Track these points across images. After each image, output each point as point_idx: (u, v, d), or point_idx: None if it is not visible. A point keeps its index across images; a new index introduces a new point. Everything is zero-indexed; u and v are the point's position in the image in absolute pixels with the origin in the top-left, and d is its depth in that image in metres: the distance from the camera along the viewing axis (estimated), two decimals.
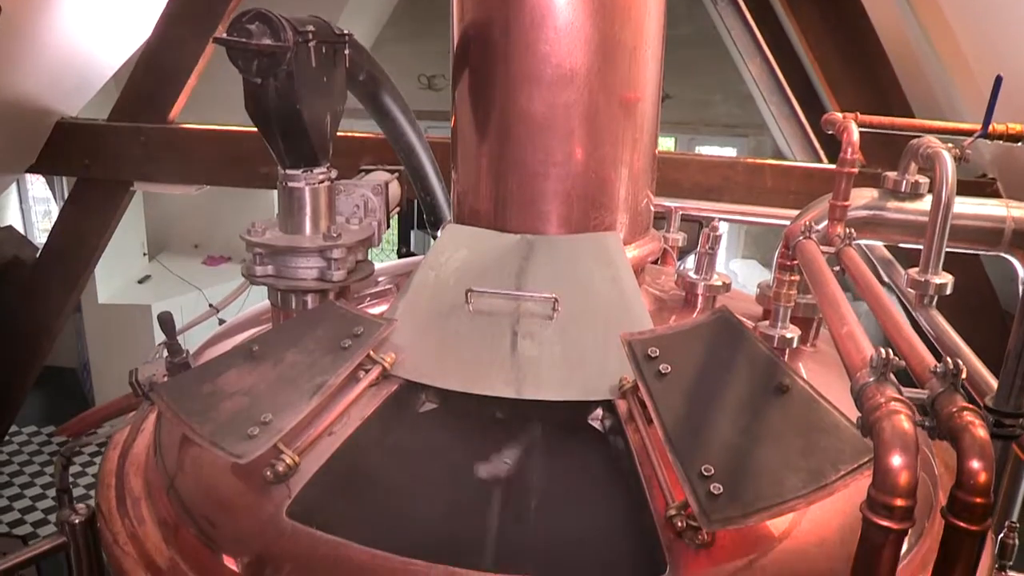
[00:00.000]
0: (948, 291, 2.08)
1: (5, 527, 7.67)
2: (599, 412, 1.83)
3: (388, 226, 2.51)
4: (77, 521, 2.11)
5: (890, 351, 1.22)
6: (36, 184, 10.66)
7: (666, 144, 11.29)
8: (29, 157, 5.86)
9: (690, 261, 2.38)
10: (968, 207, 2.30)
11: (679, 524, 1.55)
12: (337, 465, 1.74)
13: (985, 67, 3.82)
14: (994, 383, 1.76)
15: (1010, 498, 2.42)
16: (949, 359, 1.20)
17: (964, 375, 1.21)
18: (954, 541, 1.15)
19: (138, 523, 2.00)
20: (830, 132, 2.41)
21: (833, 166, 2.30)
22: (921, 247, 2.11)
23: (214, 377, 1.91)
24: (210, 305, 3.09)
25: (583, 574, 1.53)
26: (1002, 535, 2.35)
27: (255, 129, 2.15)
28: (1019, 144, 2.36)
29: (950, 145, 2.15)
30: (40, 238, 7.76)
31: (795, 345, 2.08)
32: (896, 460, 1.09)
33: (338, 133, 2.29)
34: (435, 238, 2.25)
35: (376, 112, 2.76)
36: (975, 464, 1.10)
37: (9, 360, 6.23)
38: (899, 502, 1.08)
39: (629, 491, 1.68)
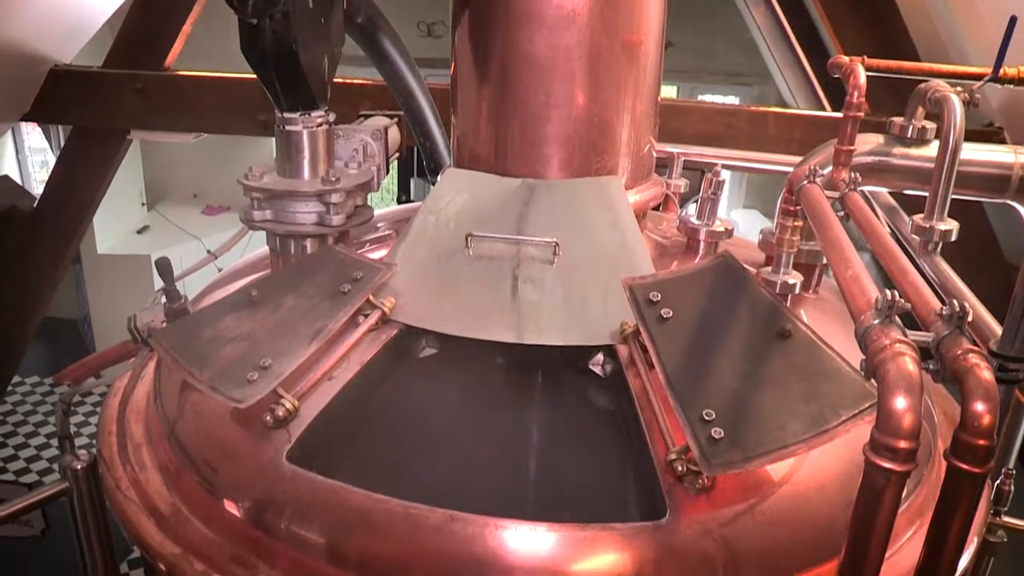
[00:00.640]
0: (953, 237, 2.05)
1: (11, 475, 7.75)
2: (600, 357, 1.82)
3: (387, 172, 2.48)
4: (79, 467, 2.12)
5: (895, 293, 1.20)
6: (32, 134, 10.56)
7: (668, 92, 11.14)
8: (23, 105, 5.78)
9: (692, 208, 2.36)
10: (975, 153, 2.27)
11: (679, 468, 1.55)
12: (337, 410, 1.74)
13: (993, 9, 3.75)
14: (998, 329, 1.75)
15: (1008, 445, 2.43)
16: (955, 301, 1.18)
17: (970, 318, 1.19)
18: (955, 484, 1.14)
19: (139, 469, 2.01)
20: (836, 76, 2.36)
21: (838, 115, 2.26)
22: (926, 194, 2.09)
23: (213, 323, 1.90)
24: (208, 252, 3.06)
25: (582, 519, 1.53)
26: (999, 482, 2.36)
27: (253, 76, 2.11)
28: None
29: (959, 89, 2.11)
30: (37, 189, 7.71)
31: (797, 291, 2.06)
32: (900, 402, 1.08)
33: (336, 80, 2.25)
34: (435, 185, 2.22)
35: (375, 56, 2.71)
36: (979, 406, 1.09)
37: (9, 310, 6.23)
38: (902, 444, 1.07)
39: (629, 436, 1.68)
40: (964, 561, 1.84)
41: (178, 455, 1.92)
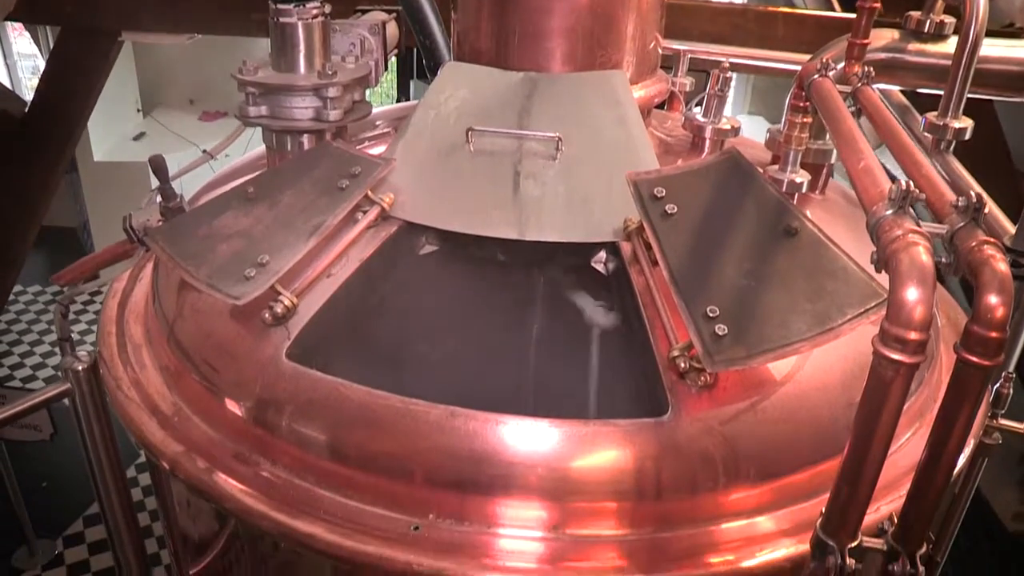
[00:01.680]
0: (967, 136, 1.99)
1: (18, 382, 7.83)
2: (602, 255, 1.80)
3: (386, 68, 2.40)
4: (80, 368, 2.12)
5: (910, 183, 1.16)
6: (20, 40, 10.30)
7: None
8: (6, 5, 5.60)
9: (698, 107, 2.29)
10: (995, 49, 2.18)
11: (682, 365, 1.53)
12: (336, 307, 1.72)
13: None
14: (1010, 227, 1.71)
15: (1011, 347, 2.42)
16: (972, 191, 1.14)
17: (987, 210, 1.16)
18: (964, 377, 1.13)
19: (139, 369, 2.00)
20: None
21: (849, 15, 2.17)
22: (941, 92, 2.02)
23: (209, 220, 1.87)
24: (204, 151, 3.00)
25: (584, 415, 1.53)
26: (998, 384, 2.36)
27: None
28: None
29: None
30: (29, 96, 7.56)
31: (804, 190, 2.02)
32: (912, 293, 1.05)
33: None
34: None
35: None
36: (994, 298, 1.06)
37: (6, 217, 6.17)
38: (913, 335, 1.05)
39: (632, 334, 1.67)
40: (961, 460, 1.85)
41: (178, 355, 1.91)
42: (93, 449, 2.22)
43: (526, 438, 1.49)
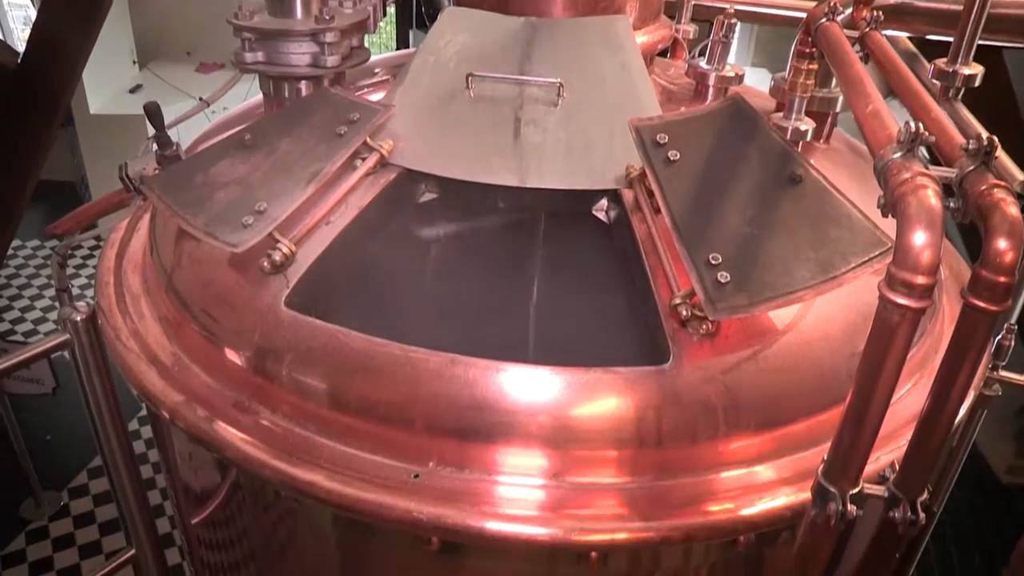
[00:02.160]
0: (976, 83, 1.96)
1: (20, 337, 7.84)
2: (604, 202, 1.77)
3: (384, 14, 2.35)
4: (79, 319, 2.10)
5: (919, 125, 1.13)
6: None
7: None
8: None
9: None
10: None
11: (684, 313, 1.52)
12: (335, 255, 1.70)
13: None
14: (1020, 175, 1.69)
15: (1015, 296, 2.40)
16: (983, 134, 1.12)
17: (998, 152, 1.13)
18: (970, 322, 1.11)
19: (138, 319, 1.99)
20: None
21: None
22: (951, 40, 1.97)
23: (206, 168, 1.84)
24: (200, 99, 2.96)
25: (584, 363, 1.52)
26: (1000, 336, 2.35)
27: None
28: None
29: None
30: (21, 47, 7.44)
31: (808, 138, 1.99)
32: (920, 237, 1.03)
33: None
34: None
35: None
36: (1003, 243, 1.04)
37: (1, 171, 6.12)
38: (920, 279, 1.03)
39: (633, 281, 1.65)
40: (961, 412, 1.84)
41: (176, 305, 1.90)
42: (94, 401, 2.21)
43: (527, 386, 1.48)
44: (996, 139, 1.18)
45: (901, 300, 1.04)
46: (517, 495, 1.48)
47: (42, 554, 4.79)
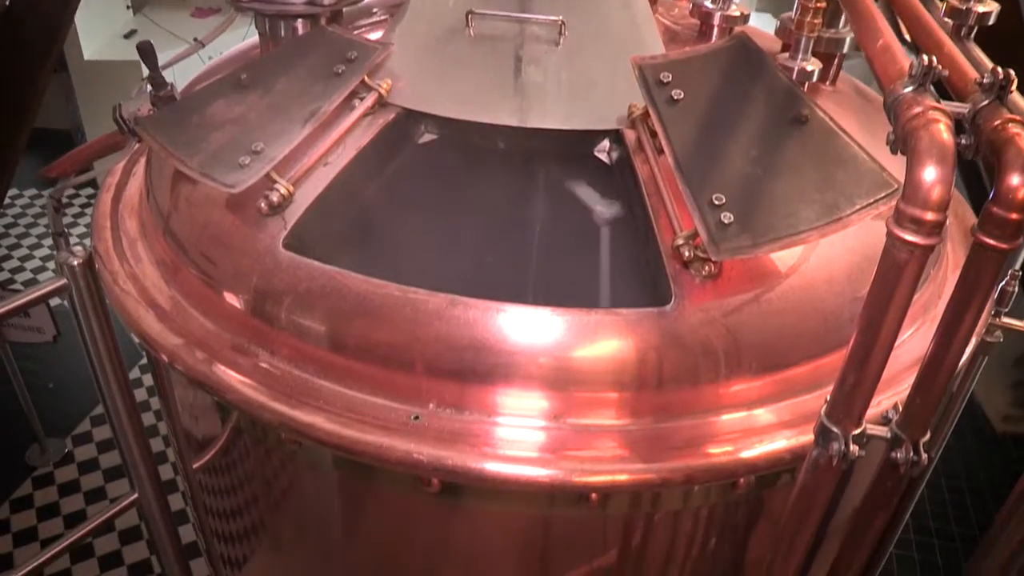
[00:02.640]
0: (991, 21, 1.91)
1: (20, 286, 7.84)
2: (606, 144, 1.74)
3: None
4: (75, 263, 2.08)
5: (932, 58, 1.10)
6: None
7: None
8: None
9: None
10: None
11: (686, 254, 1.50)
12: (333, 196, 1.68)
13: None
14: None
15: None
16: (999, 68, 1.09)
17: (1014, 87, 1.10)
18: (980, 261, 1.10)
19: (136, 263, 1.97)
20: None
21: None
22: None
23: (202, 108, 1.81)
24: (195, 39, 2.90)
25: (585, 304, 1.50)
26: (1003, 283, 2.34)
27: None
28: None
29: None
30: None
31: (814, 79, 1.95)
32: (931, 172, 1.01)
33: None
34: None
35: None
36: (1016, 178, 1.02)
37: None
38: (930, 216, 1.01)
39: (635, 223, 1.63)
40: (965, 356, 1.84)
41: (173, 248, 1.88)
42: (93, 346, 2.20)
43: (527, 327, 1.47)
44: (1012, 72, 1.15)
45: (910, 237, 1.02)
46: (517, 436, 1.48)
47: (49, 499, 4.84)
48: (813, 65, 1.93)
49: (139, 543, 4.52)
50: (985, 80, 1.10)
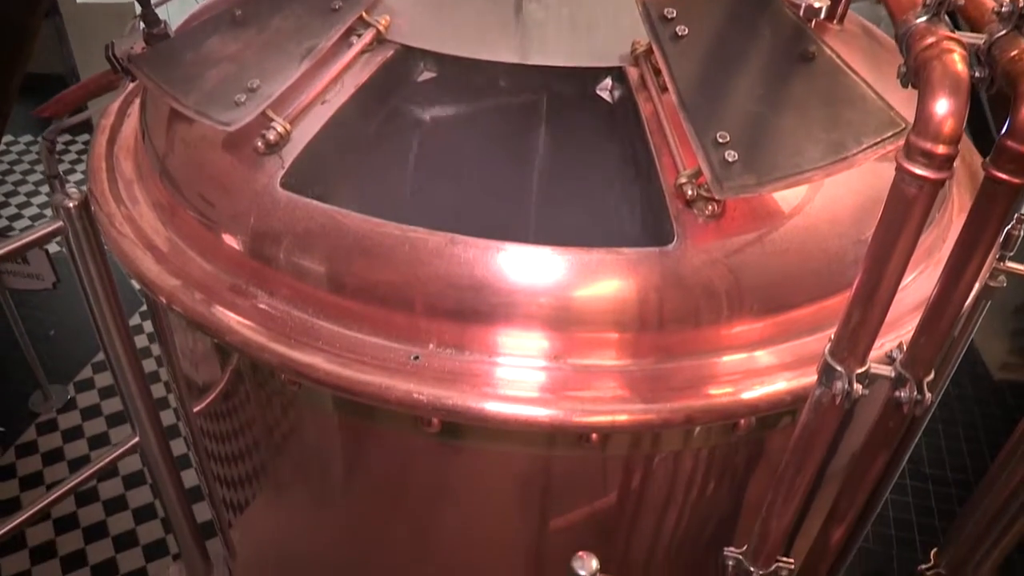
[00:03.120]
0: None
1: (17, 234, 7.82)
2: (608, 82, 1.71)
3: None
4: (71, 205, 2.06)
5: None
6: None
7: None
8: None
9: None
10: None
11: (689, 193, 1.48)
12: (331, 134, 1.65)
13: None
14: None
15: None
16: None
17: None
18: (991, 196, 1.07)
19: (132, 205, 1.95)
20: None
21: None
22: None
23: (196, 45, 1.77)
24: None
25: (587, 244, 1.49)
26: (1009, 226, 2.31)
27: None
28: None
29: None
30: None
31: (822, 16, 1.90)
32: (943, 104, 0.98)
33: None
34: None
35: None
36: None
37: None
38: (941, 149, 0.98)
39: (638, 162, 1.60)
40: (970, 298, 1.82)
41: (170, 189, 1.85)
42: (91, 290, 2.19)
43: (528, 266, 1.45)
44: None
45: (919, 171, 1.00)
46: (517, 376, 1.47)
47: (53, 445, 4.89)
48: (821, 2, 1.88)
49: (143, 487, 4.57)
50: (1004, 8, 1.06)
